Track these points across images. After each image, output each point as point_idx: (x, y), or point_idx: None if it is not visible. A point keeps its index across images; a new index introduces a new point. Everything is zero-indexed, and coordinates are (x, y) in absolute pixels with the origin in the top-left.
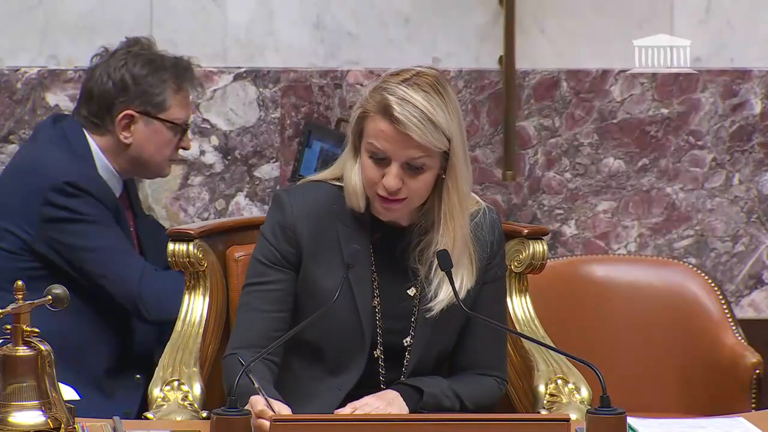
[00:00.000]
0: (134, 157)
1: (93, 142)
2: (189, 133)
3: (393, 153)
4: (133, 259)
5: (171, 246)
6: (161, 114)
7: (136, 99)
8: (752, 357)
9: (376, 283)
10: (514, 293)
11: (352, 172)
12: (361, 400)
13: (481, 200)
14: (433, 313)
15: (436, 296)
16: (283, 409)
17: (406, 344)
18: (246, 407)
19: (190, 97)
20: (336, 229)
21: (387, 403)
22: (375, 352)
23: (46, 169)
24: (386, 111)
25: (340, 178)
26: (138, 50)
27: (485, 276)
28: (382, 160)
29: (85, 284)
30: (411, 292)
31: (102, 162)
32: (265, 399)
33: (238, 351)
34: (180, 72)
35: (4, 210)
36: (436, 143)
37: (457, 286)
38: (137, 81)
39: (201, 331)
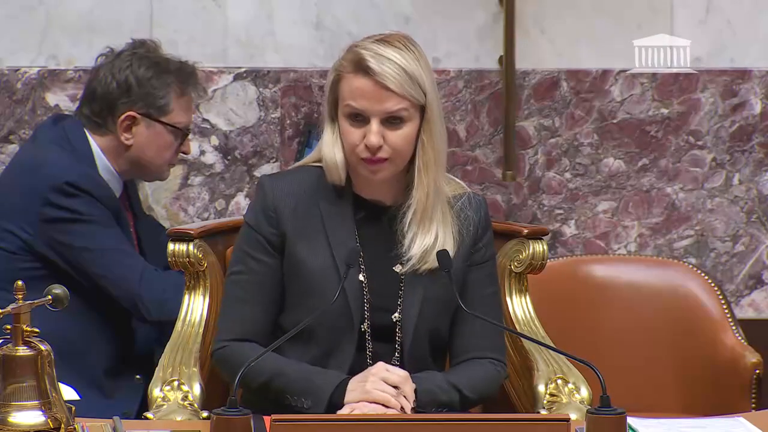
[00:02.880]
0: (134, 159)
1: (94, 142)
2: (189, 138)
3: (371, 109)
4: (133, 259)
5: (171, 246)
6: (163, 117)
7: (139, 101)
8: (752, 357)
9: (361, 259)
10: (514, 293)
11: (329, 146)
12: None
13: (465, 186)
14: (407, 269)
15: (409, 251)
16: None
17: (394, 320)
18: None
19: (193, 102)
20: (319, 207)
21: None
22: (362, 327)
23: (47, 168)
24: (361, 65)
25: (320, 160)
26: (143, 52)
27: (473, 257)
28: (361, 121)
29: (85, 284)
30: (397, 269)
31: (102, 162)
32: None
33: (231, 344)
34: (184, 76)
35: (4, 210)
36: (414, 94)
37: (430, 240)
38: (141, 83)
39: (201, 331)
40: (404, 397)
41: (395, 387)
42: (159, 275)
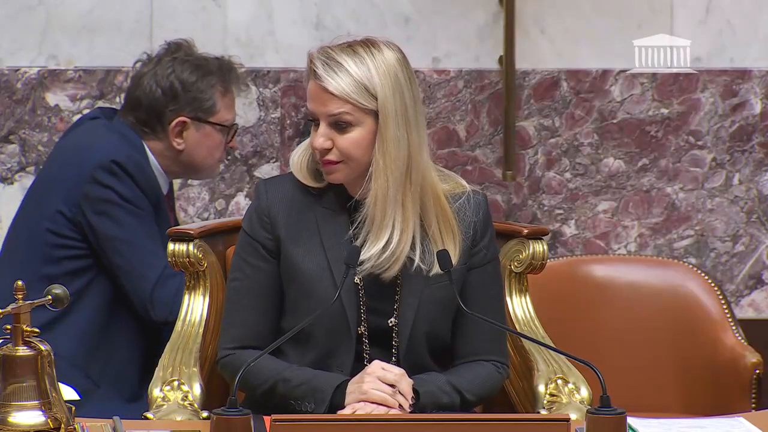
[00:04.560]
0: (186, 162)
1: (144, 145)
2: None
3: (317, 111)
4: (157, 260)
5: (171, 246)
6: (211, 118)
7: (187, 106)
8: (752, 357)
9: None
10: (514, 293)
11: (296, 150)
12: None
13: (467, 184)
14: (361, 275)
15: (359, 257)
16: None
17: (390, 324)
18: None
19: (236, 97)
20: (314, 210)
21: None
22: (359, 330)
23: (95, 148)
24: (310, 69)
25: None
26: (183, 56)
27: (472, 260)
28: (317, 125)
29: (105, 267)
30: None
31: (152, 160)
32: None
33: (235, 351)
34: (225, 74)
35: (56, 191)
36: (356, 98)
37: (379, 248)
38: (187, 88)
39: (201, 331)
40: (402, 394)
41: (392, 385)
42: (174, 278)
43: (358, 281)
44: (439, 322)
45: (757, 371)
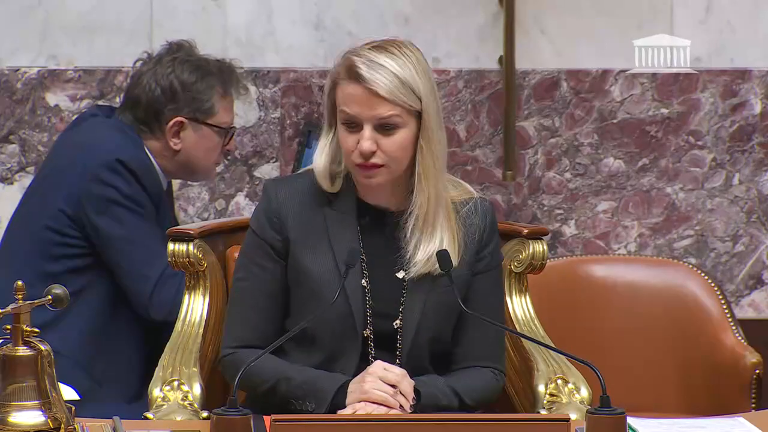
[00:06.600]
0: (183, 162)
1: (143, 143)
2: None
3: (364, 115)
4: (157, 259)
5: (171, 246)
6: (209, 119)
7: (186, 106)
8: (752, 357)
9: (364, 264)
10: (514, 293)
11: (318, 152)
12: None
13: (473, 190)
14: (411, 275)
15: (413, 257)
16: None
17: (396, 326)
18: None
19: (235, 99)
20: (323, 213)
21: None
22: (365, 332)
23: (99, 146)
24: (353, 72)
25: None
26: (184, 56)
27: (478, 265)
28: (355, 127)
29: (106, 265)
30: (400, 275)
31: (151, 160)
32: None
33: (238, 350)
34: (225, 77)
35: (57, 187)
36: (405, 99)
37: (435, 246)
38: (186, 88)
39: (201, 331)
40: (403, 395)
41: (393, 386)
42: (174, 278)
43: (365, 284)
44: (443, 326)
45: (757, 371)
